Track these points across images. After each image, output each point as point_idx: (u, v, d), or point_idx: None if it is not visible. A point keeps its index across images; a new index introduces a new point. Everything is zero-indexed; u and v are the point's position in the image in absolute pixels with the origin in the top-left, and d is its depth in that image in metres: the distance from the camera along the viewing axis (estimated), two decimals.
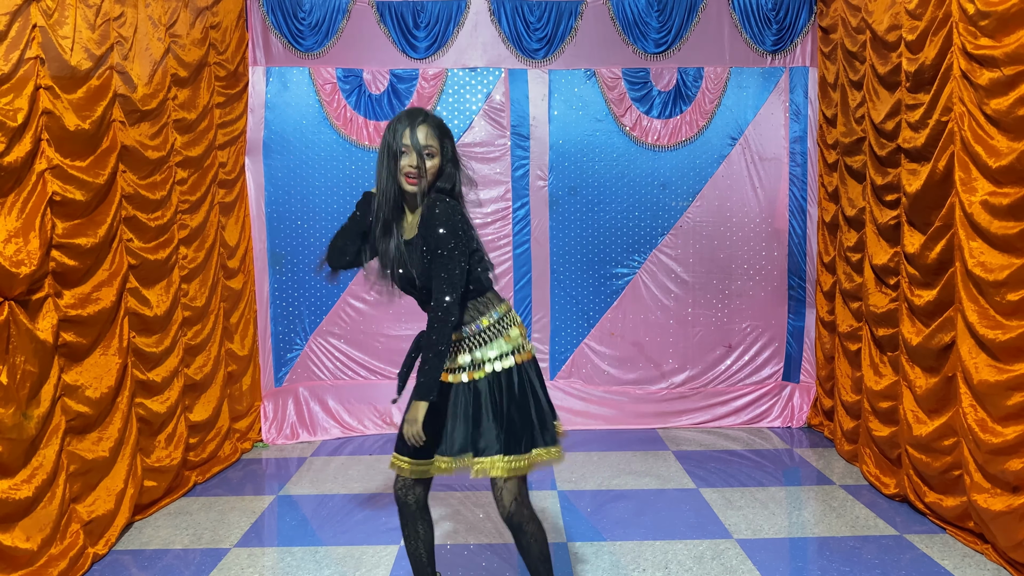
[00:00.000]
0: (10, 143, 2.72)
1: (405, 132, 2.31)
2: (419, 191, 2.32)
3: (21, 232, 2.78)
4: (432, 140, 2.32)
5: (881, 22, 3.81)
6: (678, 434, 4.97)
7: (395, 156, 2.32)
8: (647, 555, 3.19)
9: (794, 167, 5.07)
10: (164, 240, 3.83)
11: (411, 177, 2.31)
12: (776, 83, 5.04)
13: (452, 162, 2.38)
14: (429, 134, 2.32)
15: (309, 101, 4.98)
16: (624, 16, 5.01)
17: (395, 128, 2.33)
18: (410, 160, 2.30)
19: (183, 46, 4.01)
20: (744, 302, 5.14)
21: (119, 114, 3.44)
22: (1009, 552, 2.92)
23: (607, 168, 5.08)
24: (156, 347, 3.74)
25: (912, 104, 3.52)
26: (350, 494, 3.97)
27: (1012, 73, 2.79)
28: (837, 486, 3.98)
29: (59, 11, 3.01)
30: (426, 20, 4.97)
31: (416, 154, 2.30)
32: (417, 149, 2.30)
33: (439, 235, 2.26)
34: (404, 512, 2.48)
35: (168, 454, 3.80)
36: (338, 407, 5.07)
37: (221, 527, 3.56)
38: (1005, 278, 2.86)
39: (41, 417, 2.88)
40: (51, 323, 2.95)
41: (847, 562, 3.09)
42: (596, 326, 5.17)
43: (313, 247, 5.04)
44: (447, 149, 2.37)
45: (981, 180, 3.00)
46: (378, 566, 3.12)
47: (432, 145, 2.32)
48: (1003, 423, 2.90)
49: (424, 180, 2.31)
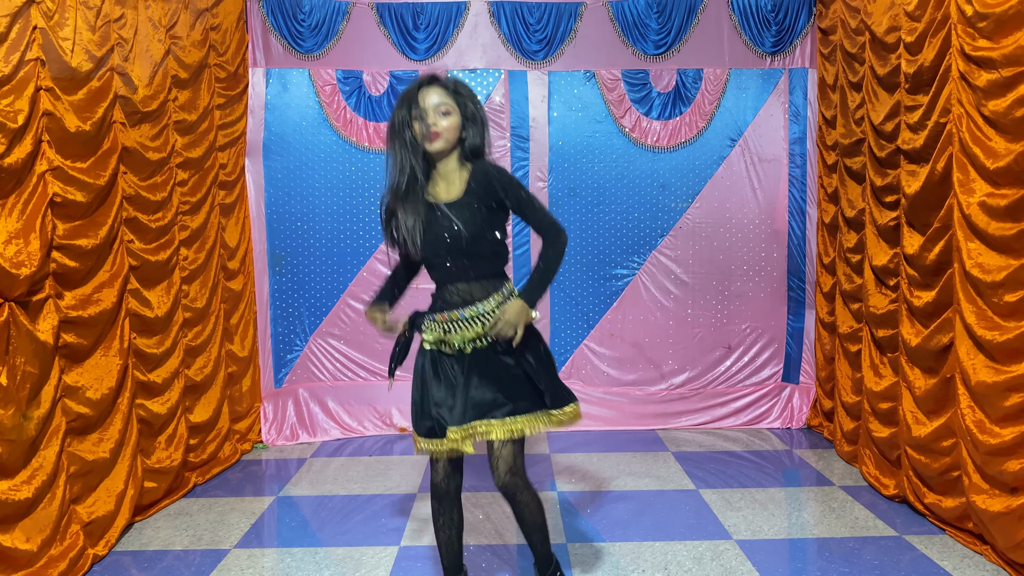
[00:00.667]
0: (11, 144, 2.73)
1: (416, 97, 2.35)
2: (444, 146, 2.36)
3: (22, 233, 2.78)
4: (446, 98, 2.36)
5: (880, 23, 3.82)
6: (678, 435, 4.97)
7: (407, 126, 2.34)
8: (647, 556, 3.19)
9: (793, 168, 5.07)
10: (165, 241, 3.84)
11: (432, 135, 2.33)
12: (775, 84, 5.05)
13: (474, 121, 2.40)
14: (441, 93, 2.36)
15: (309, 102, 4.98)
16: (623, 18, 5.01)
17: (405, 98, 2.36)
18: (428, 120, 2.33)
19: (183, 48, 4.02)
20: (744, 303, 5.15)
21: (120, 115, 3.45)
22: (1008, 553, 2.92)
23: (607, 169, 5.09)
24: (157, 348, 3.74)
25: (911, 105, 3.53)
26: (350, 495, 3.98)
27: (1010, 75, 2.80)
28: (837, 487, 3.99)
29: (59, 13, 3.02)
30: (426, 22, 4.98)
31: (431, 112, 2.33)
32: (432, 107, 2.33)
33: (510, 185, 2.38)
34: (443, 501, 2.53)
35: (168, 455, 3.80)
36: (338, 408, 5.08)
37: (221, 528, 3.56)
38: (1003, 279, 2.87)
39: (41, 418, 2.89)
40: (52, 324, 2.95)
41: (847, 563, 3.10)
42: (596, 327, 5.17)
43: (313, 248, 5.05)
44: (466, 107, 2.39)
45: (979, 181, 3.00)
46: (378, 567, 3.13)
47: (447, 102, 2.35)
48: (1001, 424, 2.90)
49: (443, 137, 2.34)
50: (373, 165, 5.03)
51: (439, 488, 2.52)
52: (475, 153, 2.44)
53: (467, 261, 2.41)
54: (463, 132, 2.40)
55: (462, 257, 2.40)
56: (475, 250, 2.39)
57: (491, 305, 2.42)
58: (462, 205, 2.38)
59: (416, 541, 3.37)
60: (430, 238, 2.40)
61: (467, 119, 2.40)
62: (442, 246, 2.39)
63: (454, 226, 2.36)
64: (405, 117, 2.35)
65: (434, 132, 2.33)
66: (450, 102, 2.36)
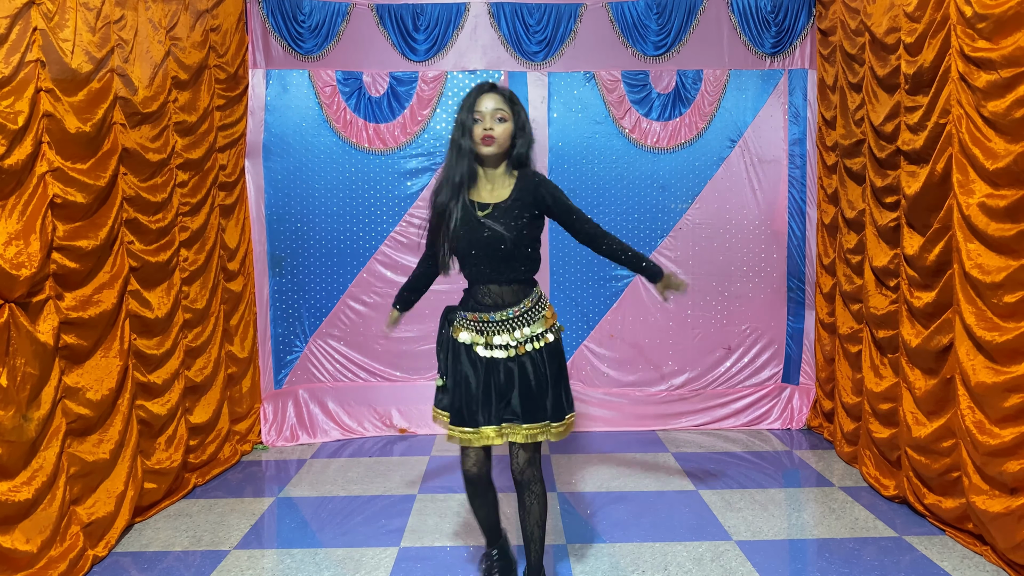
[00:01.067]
0: (11, 145, 2.73)
1: (476, 100, 2.54)
2: (496, 151, 2.53)
3: (22, 234, 2.79)
4: (503, 104, 2.54)
5: (880, 24, 3.82)
6: (677, 436, 4.98)
7: (468, 129, 2.53)
8: (646, 557, 3.19)
9: (793, 169, 5.08)
10: (165, 242, 3.84)
11: (486, 139, 2.51)
12: (775, 85, 5.05)
13: (524, 131, 2.60)
14: (499, 99, 2.54)
15: (309, 104, 4.99)
16: (623, 19, 5.02)
17: (466, 102, 2.55)
18: (484, 124, 2.51)
19: (183, 49, 4.02)
20: (743, 304, 5.15)
21: (120, 116, 3.45)
22: (1008, 553, 2.92)
23: (606, 170, 5.09)
24: (157, 349, 3.74)
25: (911, 106, 3.53)
26: (350, 496, 3.98)
27: (1009, 75, 2.80)
28: (836, 488, 3.99)
29: (59, 14, 3.02)
30: (426, 23, 4.98)
31: (488, 118, 2.51)
32: (489, 112, 2.52)
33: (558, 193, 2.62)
34: (478, 485, 2.67)
35: (168, 456, 3.80)
36: (338, 409, 5.08)
37: (221, 529, 3.56)
38: (1002, 280, 2.87)
39: (41, 419, 2.89)
40: (52, 325, 2.96)
41: (846, 564, 3.10)
42: (596, 328, 5.18)
43: (313, 249, 5.05)
44: (519, 116, 2.58)
45: (978, 182, 3.01)
46: (378, 568, 3.13)
47: (503, 109, 2.54)
48: (1000, 425, 2.91)
49: (497, 142, 2.52)
50: (373, 166, 5.03)
51: (472, 474, 2.65)
52: (521, 162, 2.61)
53: (502, 264, 2.55)
54: (514, 140, 2.57)
55: (498, 259, 2.54)
56: (512, 253, 2.54)
57: (522, 310, 2.58)
58: (507, 209, 2.54)
59: (416, 542, 3.37)
60: (471, 236, 2.53)
61: (519, 128, 2.58)
62: (481, 245, 2.53)
63: (497, 227, 2.51)
64: (464, 119, 2.54)
65: (490, 136, 2.51)
66: (506, 109, 2.54)
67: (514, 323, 2.56)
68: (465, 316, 2.63)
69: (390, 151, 5.03)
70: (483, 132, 2.51)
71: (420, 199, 5.05)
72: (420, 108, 5.02)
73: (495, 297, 2.58)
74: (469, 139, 2.53)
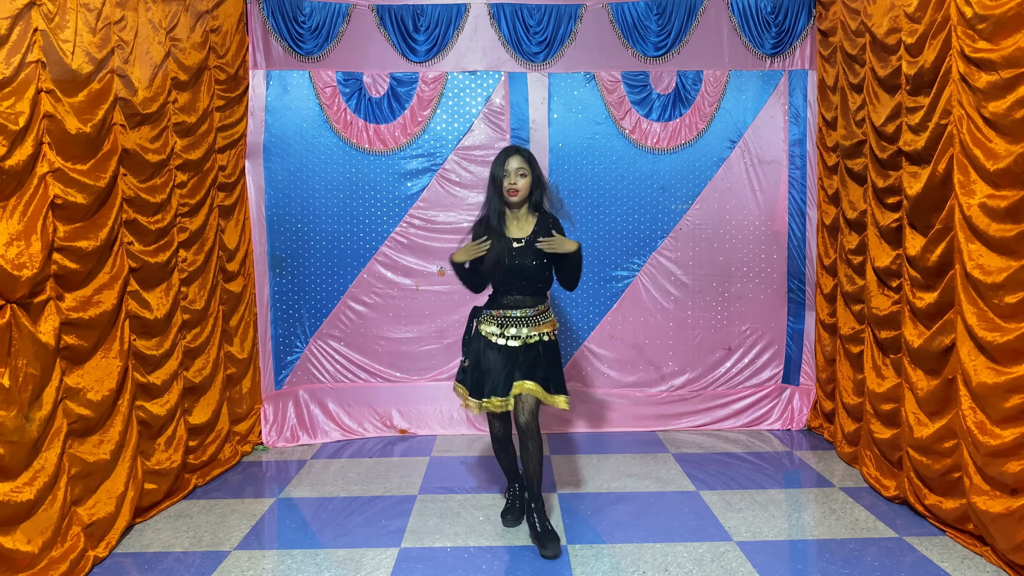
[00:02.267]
0: (11, 146, 2.73)
1: (505, 162, 3.35)
2: (519, 200, 3.36)
3: (23, 235, 2.79)
4: (523, 164, 3.36)
5: (880, 25, 3.83)
6: (678, 436, 4.97)
7: (499, 183, 3.35)
8: (647, 557, 3.19)
9: (793, 170, 5.08)
10: (164, 243, 3.84)
11: (511, 192, 3.35)
12: (775, 86, 5.05)
13: (539, 183, 3.41)
14: (521, 159, 3.36)
15: (309, 104, 4.99)
16: (623, 19, 5.02)
17: (498, 162, 3.37)
18: (510, 180, 3.35)
19: (183, 50, 4.02)
20: (744, 305, 5.15)
21: (120, 117, 3.45)
22: (1008, 554, 2.92)
23: (607, 171, 5.09)
24: (156, 350, 3.74)
25: (912, 107, 3.53)
26: (350, 497, 3.98)
27: (1009, 76, 2.80)
28: (837, 488, 3.99)
29: (60, 15, 3.02)
30: (426, 23, 4.98)
31: (513, 174, 3.34)
32: (513, 170, 3.34)
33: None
34: (502, 443, 3.49)
35: (168, 457, 3.80)
36: (338, 410, 5.08)
37: (221, 530, 3.56)
38: (1003, 280, 2.87)
39: (43, 420, 2.89)
40: (53, 326, 2.96)
41: (847, 564, 3.10)
42: (596, 329, 5.17)
43: (313, 250, 5.05)
44: (535, 170, 3.40)
45: (979, 183, 3.01)
46: (378, 569, 3.12)
47: (524, 167, 3.36)
48: (1002, 425, 2.91)
49: (520, 194, 3.35)
50: (373, 167, 5.03)
51: (498, 436, 3.47)
52: (537, 207, 3.43)
53: (524, 282, 3.36)
54: (532, 189, 3.38)
55: (521, 278, 3.35)
56: (533, 276, 3.36)
57: (534, 312, 3.38)
58: (531, 243, 3.34)
59: (416, 543, 3.37)
60: (515, 261, 3.33)
61: (536, 180, 3.39)
62: (509, 268, 3.34)
63: (523, 256, 3.33)
64: (497, 173, 3.36)
65: (514, 190, 3.34)
66: (526, 167, 3.35)
67: (526, 321, 3.36)
68: (490, 313, 3.40)
69: (390, 152, 5.03)
70: (509, 185, 3.33)
71: (420, 200, 5.05)
72: (420, 109, 5.02)
73: (515, 302, 3.38)
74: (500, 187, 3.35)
